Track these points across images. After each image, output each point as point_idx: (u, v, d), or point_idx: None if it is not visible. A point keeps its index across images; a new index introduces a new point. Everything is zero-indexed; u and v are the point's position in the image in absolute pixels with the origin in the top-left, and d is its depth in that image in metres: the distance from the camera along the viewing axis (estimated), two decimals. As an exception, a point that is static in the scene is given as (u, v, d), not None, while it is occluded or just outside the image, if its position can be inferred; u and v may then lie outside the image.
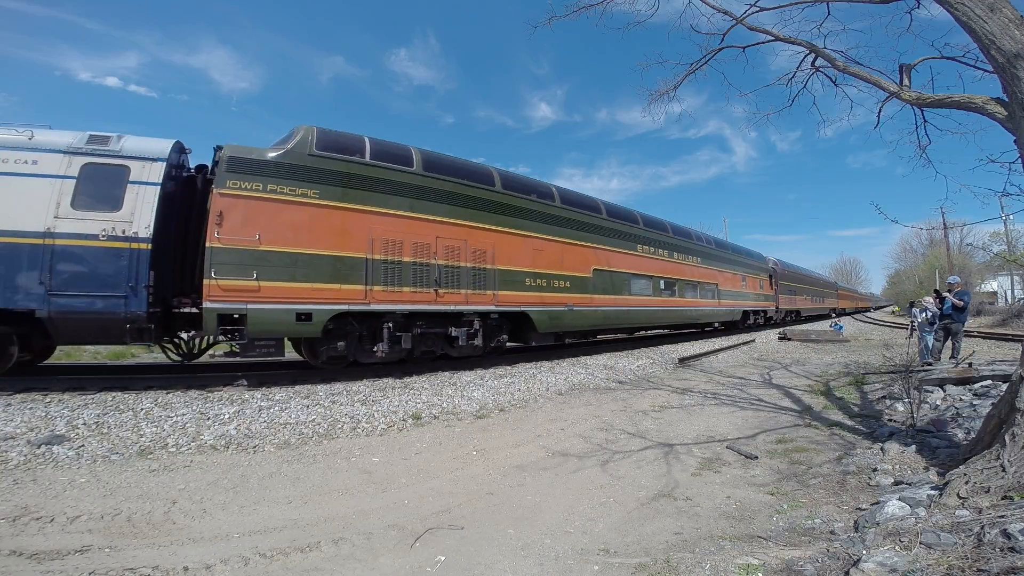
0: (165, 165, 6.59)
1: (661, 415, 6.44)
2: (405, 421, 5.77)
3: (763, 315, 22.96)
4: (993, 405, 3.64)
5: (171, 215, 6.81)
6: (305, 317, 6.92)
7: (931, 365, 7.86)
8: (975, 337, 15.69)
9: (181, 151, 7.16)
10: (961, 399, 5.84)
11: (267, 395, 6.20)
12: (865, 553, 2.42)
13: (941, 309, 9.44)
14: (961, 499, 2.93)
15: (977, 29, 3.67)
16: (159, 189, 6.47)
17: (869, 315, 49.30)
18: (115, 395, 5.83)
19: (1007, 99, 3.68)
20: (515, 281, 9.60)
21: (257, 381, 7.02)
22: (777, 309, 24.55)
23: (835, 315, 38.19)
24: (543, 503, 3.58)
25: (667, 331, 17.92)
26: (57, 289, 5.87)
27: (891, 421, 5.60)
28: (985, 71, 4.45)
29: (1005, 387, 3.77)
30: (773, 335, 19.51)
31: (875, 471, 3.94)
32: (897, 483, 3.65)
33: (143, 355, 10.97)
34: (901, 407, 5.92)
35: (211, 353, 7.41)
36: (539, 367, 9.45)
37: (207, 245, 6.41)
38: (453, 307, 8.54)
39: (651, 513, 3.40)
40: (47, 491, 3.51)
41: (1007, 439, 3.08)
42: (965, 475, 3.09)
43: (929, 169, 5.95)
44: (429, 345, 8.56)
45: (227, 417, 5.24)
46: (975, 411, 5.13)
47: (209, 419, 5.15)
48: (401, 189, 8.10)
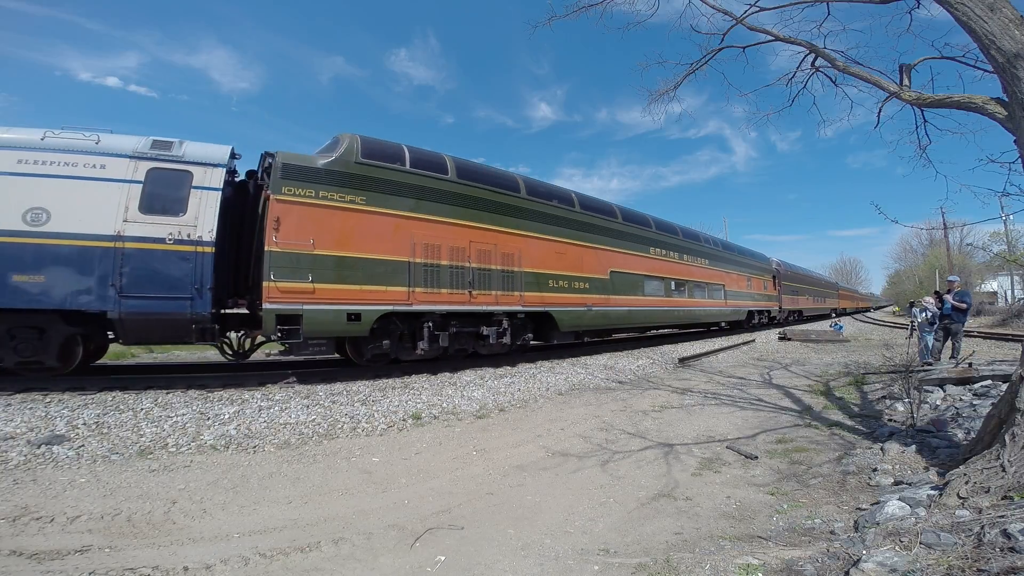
0: (225, 171, 6.84)
1: (661, 415, 6.45)
2: (405, 421, 5.77)
3: (767, 315, 23.28)
4: (993, 405, 3.64)
5: (226, 219, 7.00)
6: (355, 317, 7.26)
7: (931, 365, 7.87)
8: (975, 337, 15.69)
9: (232, 156, 7.32)
10: (961, 399, 5.84)
11: (267, 395, 6.20)
12: (865, 553, 2.42)
13: (941, 309, 9.44)
14: (961, 499, 2.93)
15: (977, 29, 3.67)
16: (220, 194, 6.70)
17: (869, 315, 49.30)
18: (115, 395, 5.83)
19: (1007, 99, 3.68)
20: (540, 283, 10.02)
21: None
22: (780, 309, 24.85)
23: (835, 315, 38.20)
24: (543, 503, 3.58)
25: (674, 331, 18.19)
26: (127, 291, 6.02)
27: (891, 421, 5.60)
28: (985, 71, 4.45)
29: (1005, 387, 3.77)
30: (773, 335, 19.51)
31: (875, 471, 3.94)
32: (897, 483, 3.65)
33: (142, 355, 10.97)
34: (901, 407, 5.92)
35: (267, 352, 7.72)
36: (539, 367, 9.45)
37: (266, 249, 6.66)
38: (485, 307, 8.95)
39: (651, 513, 3.40)
40: (47, 491, 3.52)
41: (1007, 439, 3.08)
42: (965, 475, 3.09)
43: (929, 169, 5.95)
44: (462, 343, 8.94)
45: (227, 417, 5.24)
46: (975, 411, 5.14)
47: (209, 419, 5.15)
48: (438, 196, 8.49)
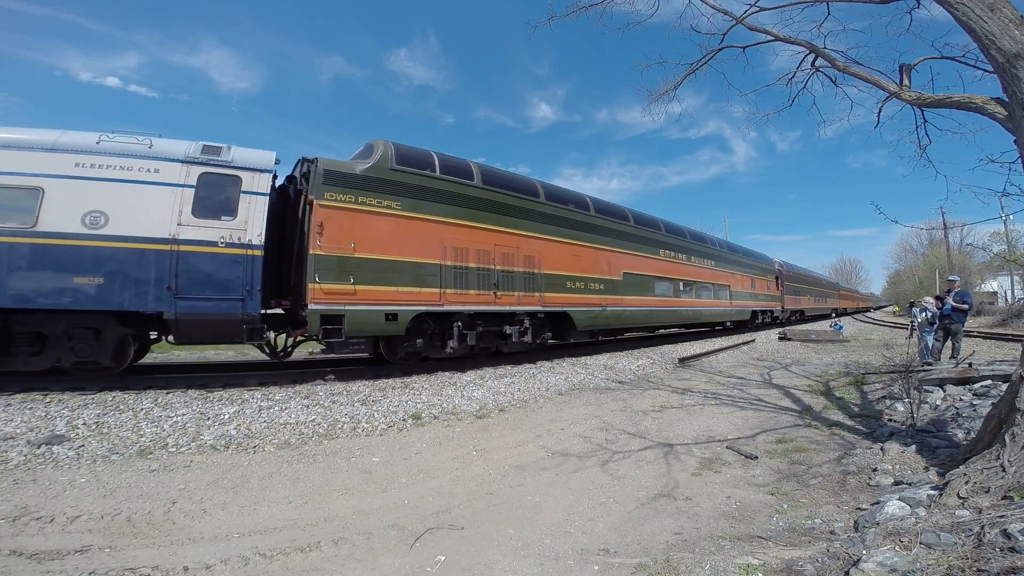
0: (271, 176, 7.07)
1: (661, 415, 6.44)
2: (405, 421, 5.77)
3: (770, 315, 23.70)
4: (993, 405, 3.64)
5: (269, 222, 7.16)
6: (392, 317, 7.63)
7: (931, 365, 7.86)
8: (975, 337, 15.68)
9: (275, 162, 7.54)
10: (961, 399, 5.84)
11: (267, 395, 6.20)
12: (865, 553, 2.42)
13: (941, 310, 9.43)
14: (961, 499, 2.93)
15: (977, 29, 3.67)
16: (268, 199, 6.92)
17: (869, 315, 49.29)
18: (115, 395, 5.83)
19: (1007, 99, 3.68)
20: (558, 284, 10.46)
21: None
22: (783, 309, 25.22)
23: (835, 315, 38.22)
24: (543, 503, 3.58)
25: (680, 330, 18.55)
26: (182, 293, 6.20)
27: (891, 421, 5.60)
28: (985, 71, 4.45)
29: (1005, 387, 3.77)
30: (773, 335, 19.51)
31: (875, 471, 3.94)
32: (897, 483, 3.65)
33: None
34: (901, 407, 5.92)
35: (310, 351, 8.16)
36: (539, 367, 9.45)
37: (311, 252, 6.93)
38: (508, 308, 9.39)
39: (651, 513, 3.40)
40: (47, 491, 3.51)
41: (1007, 439, 3.08)
42: (965, 475, 3.09)
43: (929, 169, 5.95)
44: (487, 342, 9.34)
45: (227, 417, 5.24)
46: (975, 411, 5.13)
47: (209, 419, 5.15)
48: (466, 201, 8.92)
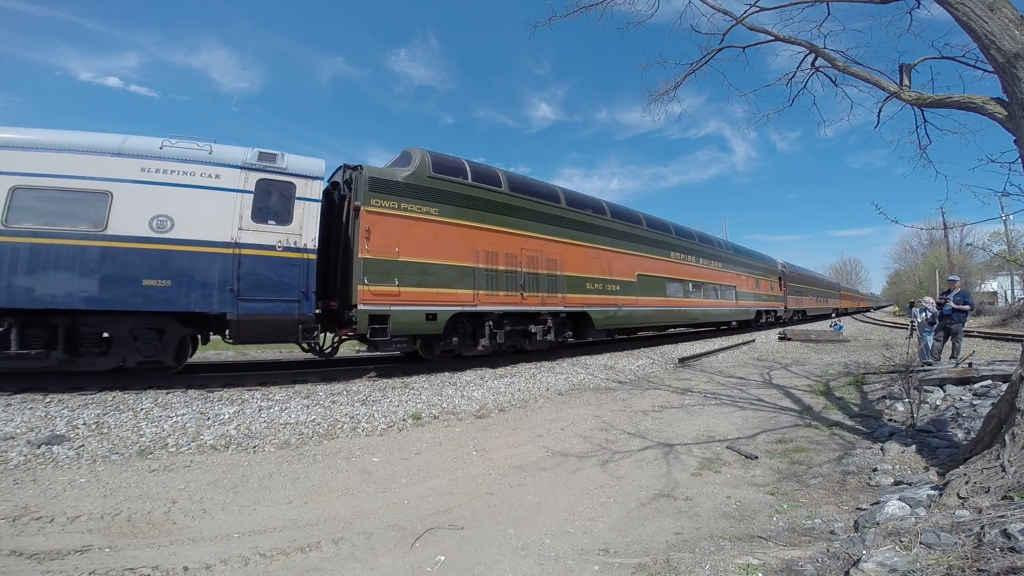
0: (322, 183, 7.35)
1: (661, 415, 6.44)
2: (405, 421, 5.77)
3: (774, 315, 24.16)
4: (993, 405, 3.64)
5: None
6: (431, 317, 8.08)
7: (931, 365, 7.86)
8: (975, 337, 15.67)
9: (324, 169, 7.86)
10: (961, 399, 5.84)
11: (267, 395, 6.20)
12: (865, 553, 2.42)
13: (941, 310, 9.42)
14: (961, 499, 2.93)
15: (977, 29, 3.67)
16: (319, 205, 7.23)
17: (869, 315, 49.29)
18: (115, 395, 5.83)
19: (1007, 99, 3.68)
20: (578, 285, 10.93)
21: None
22: (786, 309, 25.63)
23: (836, 315, 38.26)
24: (543, 503, 3.58)
25: (688, 329, 18.97)
26: (244, 294, 6.47)
27: (891, 421, 5.59)
28: (985, 71, 4.44)
29: (1005, 387, 3.77)
30: (773, 335, 19.51)
31: (875, 471, 3.94)
32: (897, 483, 3.64)
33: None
34: (901, 407, 5.91)
35: (358, 349, 8.93)
36: (539, 367, 9.45)
37: (360, 256, 7.31)
38: (534, 308, 9.87)
39: (651, 513, 3.40)
40: (47, 491, 3.51)
41: (1007, 439, 3.08)
42: (965, 475, 3.09)
43: (929, 169, 5.94)
44: (513, 340, 9.74)
45: (227, 417, 5.24)
46: (975, 411, 5.13)
47: (209, 419, 5.15)
48: (495, 207, 9.37)
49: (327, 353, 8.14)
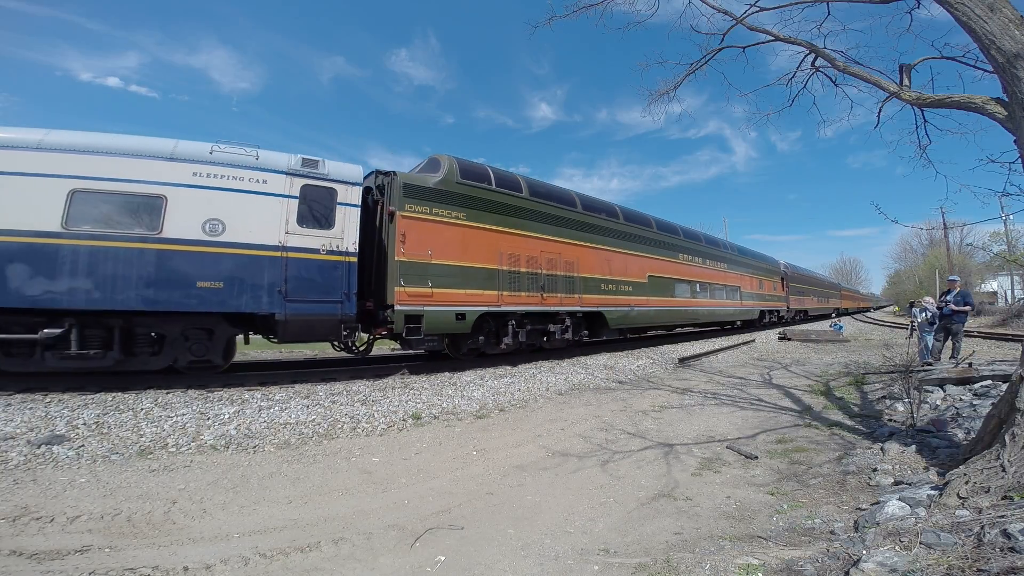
0: (361, 188, 7.62)
1: (661, 415, 6.44)
2: (405, 421, 5.77)
3: (777, 314, 24.60)
4: (993, 405, 3.64)
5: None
6: (461, 317, 8.42)
7: (931, 365, 7.86)
8: (975, 337, 15.67)
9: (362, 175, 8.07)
10: (961, 399, 5.84)
11: (267, 395, 6.20)
12: (865, 553, 2.42)
13: (941, 311, 9.41)
14: (961, 499, 2.93)
15: (977, 29, 3.67)
16: (359, 210, 7.48)
17: (869, 315, 49.32)
18: (115, 395, 5.83)
19: (1007, 99, 3.68)
20: (594, 286, 11.36)
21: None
22: (788, 309, 26.08)
23: (836, 315, 38.31)
24: (543, 503, 3.58)
25: (694, 329, 19.34)
26: (291, 295, 6.72)
27: (891, 421, 5.59)
28: (985, 71, 4.45)
29: (1005, 387, 3.77)
30: (773, 335, 19.52)
31: (875, 471, 3.94)
32: (897, 483, 3.64)
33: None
34: (901, 407, 5.91)
35: (392, 347, 9.46)
36: (539, 367, 9.45)
37: (396, 259, 7.63)
38: (553, 308, 10.25)
39: (651, 513, 3.40)
40: (47, 491, 3.51)
41: (1007, 439, 3.08)
42: (965, 475, 3.09)
43: (929, 169, 5.94)
44: (533, 339, 10.11)
45: (227, 417, 5.24)
46: (975, 411, 5.13)
47: (209, 419, 5.15)
48: (516, 211, 9.75)
49: (362, 352, 8.46)
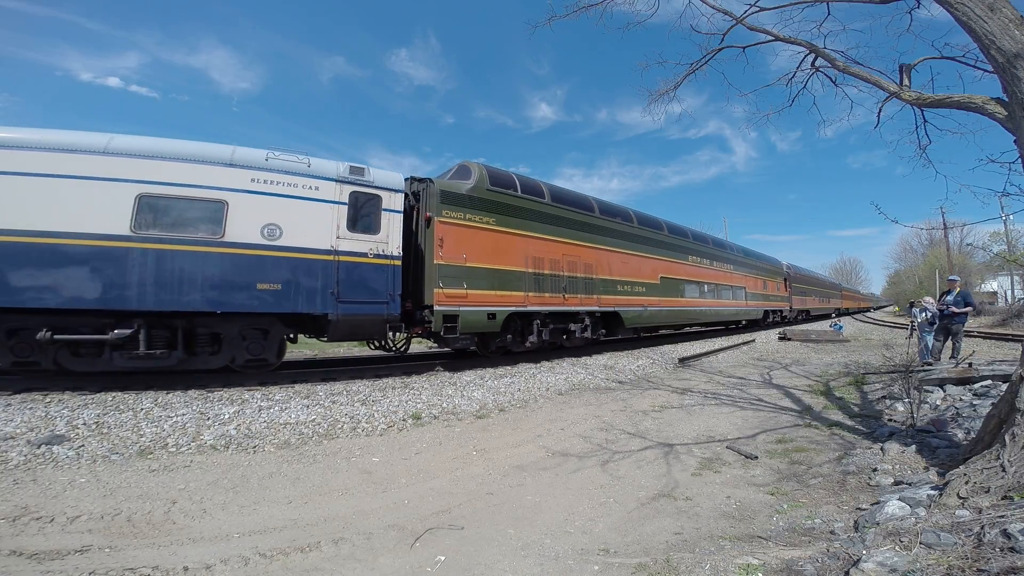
0: (403, 195, 7.96)
1: (661, 415, 6.44)
2: (405, 421, 5.77)
3: (780, 314, 25.06)
4: (993, 405, 3.64)
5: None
6: (491, 316, 8.87)
7: (931, 365, 7.85)
8: (975, 337, 15.67)
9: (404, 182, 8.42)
10: (961, 399, 5.83)
11: (267, 395, 6.20)
12: (865, 553, 2.42)
13: (942, 311, 9.39)
14: (961, 499, 2.93)
15: (977, 29, 3.67)
16: (402, 216, 7.84)
17: (869, 315, 49.33)
18: (115, 395, 5.82)
19: (1007, 99, 3.68)
20: (610, 287, 11.84)
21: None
22: (791, 309, 26.56)
23: (837, 315, 38.35)
24: (543, 503, 3.58)
25: (704, 328, 19.93)
26: (343, 297, 7.06)
27: (891, 421, 5.59)
28: (985, 71, 4.44)
29: (1005, 387, 3.77)
30: (773, 335, 19.52)
31: (875, 471, 3.94)
32: (897, 483, 3.64)
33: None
34: (901, 407, 5.91)
35: (429, 345, 10.20)
36: (539, 367, 9.45)
37: (435, 262, 8.07)
38: (574, 308, 10.70)
39: (651, 513, 3.40)
40: (47, 491, 3.51)
41: (1007, 439, 3.08)
42: (965, 475, 3.09)
43: (929, 169, 5.94)
44: (555, 338, 10.53)
45: (227, 417, 5.23)
46: (975, 411, 5.13)
47: (209, 419, 5.14)
48: (540, 217, 10.20)
49: (400, 350, 9.04)
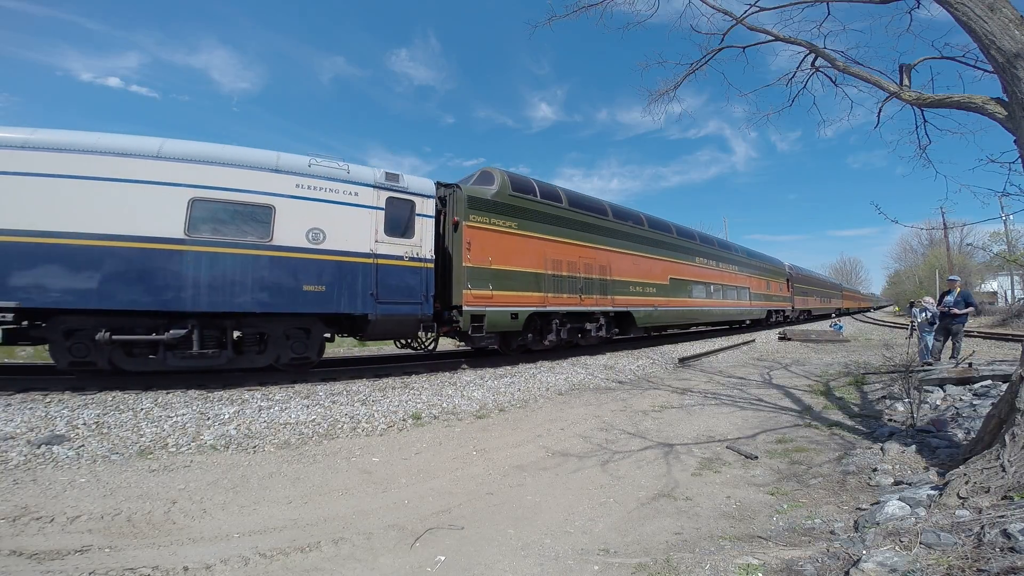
0: (435, 201, 8.25)
1: (661, 415, 6.44)
2: (405, 421, 5.77)
3: (782, 314, 25.44)
4: (993, 405, 3.64)
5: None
6: (514, 316, 9.26)
7: (931, 365, 7.85)
8: (975, 337, 15.66)
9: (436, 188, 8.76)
10: (961, 399, 5.83)
11: (267, 395, 6.20)
12: (865, 553, 2.42)
13: (944, 312, 9.37)
14: (961, 499, 2.93)
15: (977, 29, 3.67)
16: (433, 221, 8.15)
17: (869, 315, 49.35)
18: (115, 395, 5.82)
19: (1007, 99, 3.68)
20: (623, 288, 12.25)
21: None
22: (793, 308, 26.92)
23: (837, 315, 38.38)
24: (543, 503, 3.58)
25: (710, 328, 20.37)
26: (381, 298, 7.40)
27: (891, 421, 5.59)
28: (985, 71, 4.45)
29: (1005, 387, 3.77)
30: (773, 335, 19.53)
31: (875, 471, 3.94)
32: (897, 483, 3.64)
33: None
34: (901, 407, 5.91)
35: (456, 344, 10.62)
36: (539, 367, 9.45)
37: (464, 265, 8.42)
38: (589, 308, 11.10)
39: (651, 513, 3.40)
40: (47, 491, 3.51)
41: (1007, 439, 3.08)
42: (965, 475, 3.09)
43: (929, 169, 5.95)
44: (571, 337, 10.94)
45: (227, 417, 5.23)
46: (975, 411, 5.13)
47: (209, 419, 5.14)
48: (558, 220, 10.57)
49: (429, 349, 9.42)
